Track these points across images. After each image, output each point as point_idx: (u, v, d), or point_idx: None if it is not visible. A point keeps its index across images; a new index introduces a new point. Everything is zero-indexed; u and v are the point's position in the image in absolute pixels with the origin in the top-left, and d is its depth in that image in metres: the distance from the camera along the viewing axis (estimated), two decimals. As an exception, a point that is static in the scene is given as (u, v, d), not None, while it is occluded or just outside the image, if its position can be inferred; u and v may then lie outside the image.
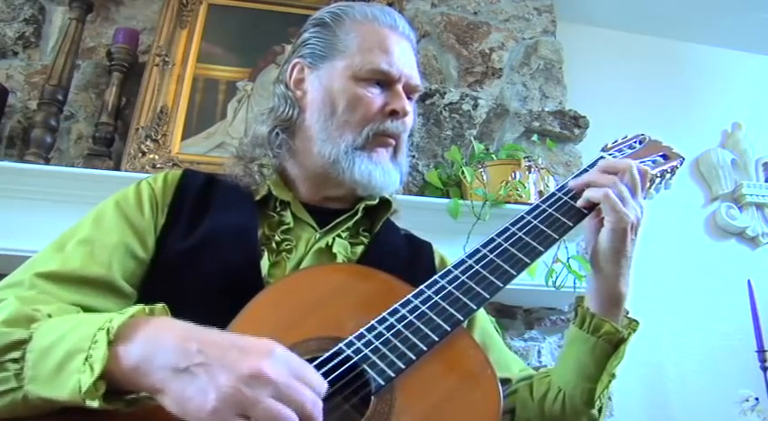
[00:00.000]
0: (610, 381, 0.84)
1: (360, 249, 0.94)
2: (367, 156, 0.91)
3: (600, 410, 0.86)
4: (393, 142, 0.94)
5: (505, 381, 0.94)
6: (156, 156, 1.92)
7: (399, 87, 0.94)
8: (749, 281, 2.30)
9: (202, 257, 0.83)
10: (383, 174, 0.92)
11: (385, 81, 0.93)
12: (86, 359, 0.59)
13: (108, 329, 0.61)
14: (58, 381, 0.60)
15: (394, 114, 0.92)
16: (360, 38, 0.94)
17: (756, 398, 2.04)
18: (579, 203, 0.84)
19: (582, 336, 0.84)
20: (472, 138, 2.15)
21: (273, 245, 0.88)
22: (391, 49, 0.94)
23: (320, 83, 0.95)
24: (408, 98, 0.96)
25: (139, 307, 0.66)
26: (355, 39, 0.94)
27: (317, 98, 0.95)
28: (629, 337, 0.83)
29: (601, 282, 0.83)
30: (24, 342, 0.64)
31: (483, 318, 1.01)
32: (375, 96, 0.92)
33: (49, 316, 0.68)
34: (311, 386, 0.58)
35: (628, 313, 0.86)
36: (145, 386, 0.59)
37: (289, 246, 0.89)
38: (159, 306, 0.68)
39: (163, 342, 0.60)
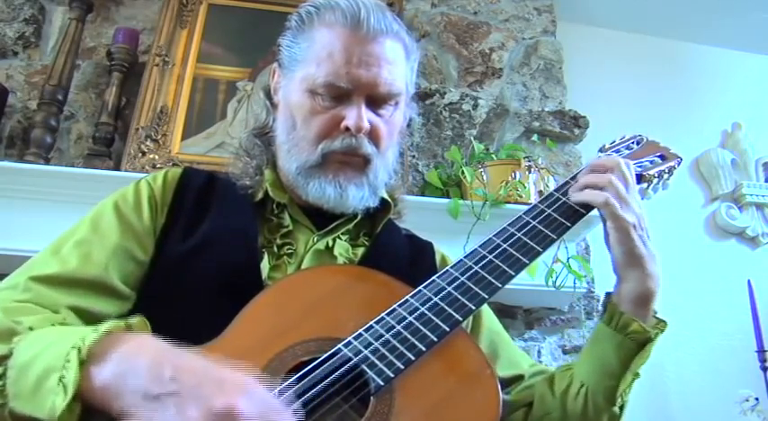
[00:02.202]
0: (633, 380, 0.84)
1: (361, 251, 0.93)
2: (321, 175, 0.88)
3: (622, 408, 0.85)
4: (357, 159, 0.89)
5: (518, 378, 0.94)
6: (156, 156, 1.92)
7: (358, 99, 0.86)
8: (749, 281, 2.29)
9: (202, 258, 0.83)
10: (341, 192, 0.88)
11: (342, 94, 0.87)
12: (60, 379, 0.58)
13: (79, 348, 0.59)
14: (37, 401, 0.60)
15: (349, 131, 0.86)
16: (317, 45, 0.88)
17: (756, 398, 2.04)
18: (573, 199, 0.85)
19: (609, 334, 0.83)
20: (472, 139, 2.15)
21: (275, 248, 0.88)
22: (349, 57, 0.85)
23: (284, 94, 0.93)
24: (382, 106, 0.89)
25: (115, 322, 0.64)
26: (312, 47, 0.89)
27: (282, 110, 0.94)
28: (656, 338, 0.83)
29: (627, 283, 0.83)
30: (5, 358, 0.64)
31: (489, 318, 1.00)
32: (330, 111, 0.87)
33: (30, 328, 0.67)
34: None
35: (656, 313, 0.86)
36: (115, 408, 0.57)
37: (290, 251, 0.89)
38: (137, 320, 0.66)
39: (136, 364, 0.58)
